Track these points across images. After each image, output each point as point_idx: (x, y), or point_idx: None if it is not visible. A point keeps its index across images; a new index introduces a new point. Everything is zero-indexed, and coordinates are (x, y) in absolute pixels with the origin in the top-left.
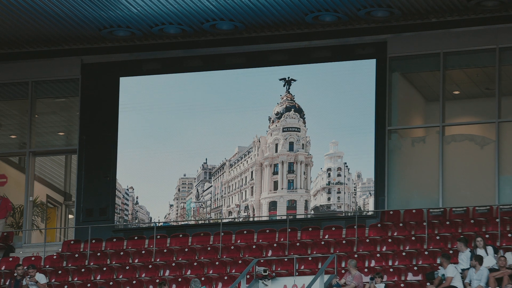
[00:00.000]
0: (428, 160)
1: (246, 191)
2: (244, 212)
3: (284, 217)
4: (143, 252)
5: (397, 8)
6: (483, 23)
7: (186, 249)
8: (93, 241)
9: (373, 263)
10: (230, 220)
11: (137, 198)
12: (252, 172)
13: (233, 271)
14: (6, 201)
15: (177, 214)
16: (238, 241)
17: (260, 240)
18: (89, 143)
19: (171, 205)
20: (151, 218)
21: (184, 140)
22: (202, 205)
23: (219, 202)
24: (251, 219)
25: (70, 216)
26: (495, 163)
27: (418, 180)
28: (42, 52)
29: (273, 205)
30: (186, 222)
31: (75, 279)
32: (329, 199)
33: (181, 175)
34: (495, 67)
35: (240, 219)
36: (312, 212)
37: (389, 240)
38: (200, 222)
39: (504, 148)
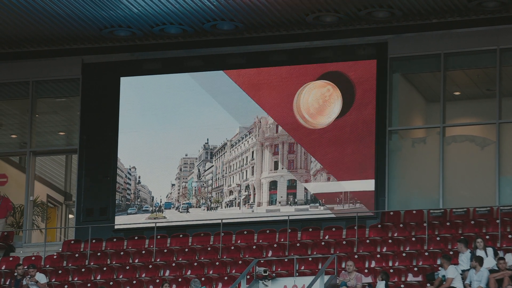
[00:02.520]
0: (429, 161)
1: (247, 170)
2: (245, 191)
3: (285, 217)
4: (143, 252)
5: (398, 9)
6: (484, 24)
7: (186, 249)
8: (93, 241)
9: (373, 264)
10: (225, 208)
11: (139, 177)
12: (253, 152)
13: (233, 271)
14: (6, 201)
15: (178, 193)
16: (238, 241)
17: (260, 241)
18: (89, 143)
19: (173, 185)
20: (153, 197)
21: (186, 121)
22: (203, 184)
23: (220, 181)
24: (251, 198)
25: (71, 216)
26: (495, 164)
27: (419, 181)
28: (43, 52)
29: (273, 185)
30: (186, 213)
31: (75, 279)
32: (328, 179)
33: (182, 155)
34: (496, 68)
35: (242, 198)
36: (312, 192)
37: (389, 241)
38: (200, 221)
39: (504, 149)
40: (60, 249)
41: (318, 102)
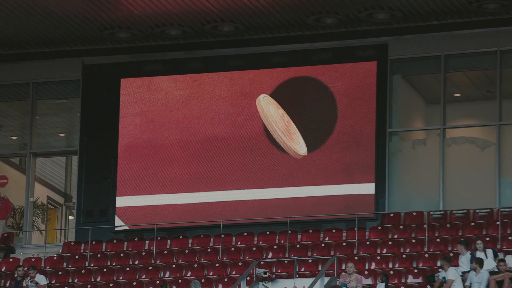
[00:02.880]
0: (429, 162)
1: None
2: None
3: (285, 219)
4: (143, 253)
5: (398, 10)
6: (485, 26)
7: (186, 251)
8: (94, 242)
9: (373, 266)
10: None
11: None
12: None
13: (233, 272)
14: (6, 202)
15: None
16: (239, 243)
17: (261, 242)
18: (89, 145)
19: None
20: None
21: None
22: None
23: None
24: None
25: (71, 217)
26: (495, 166)
27: (419, 183)
28: (43, 53)
29: None
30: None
31: (75, 280)
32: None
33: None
34: (496, 69)
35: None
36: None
37: (390, 243)
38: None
39: (504, 150)
40: (60, 251)
41: (284, 121)
